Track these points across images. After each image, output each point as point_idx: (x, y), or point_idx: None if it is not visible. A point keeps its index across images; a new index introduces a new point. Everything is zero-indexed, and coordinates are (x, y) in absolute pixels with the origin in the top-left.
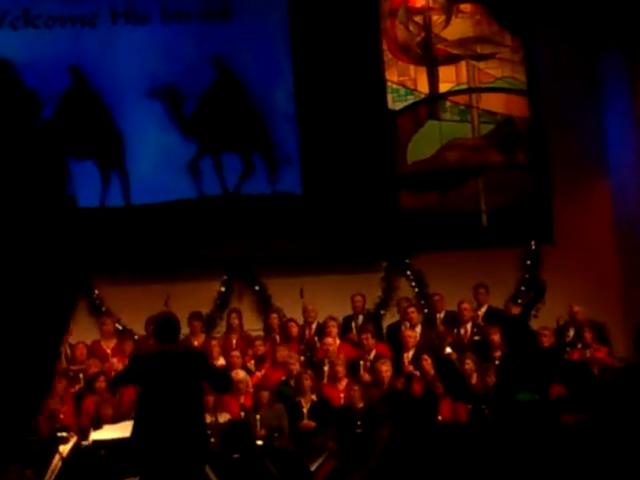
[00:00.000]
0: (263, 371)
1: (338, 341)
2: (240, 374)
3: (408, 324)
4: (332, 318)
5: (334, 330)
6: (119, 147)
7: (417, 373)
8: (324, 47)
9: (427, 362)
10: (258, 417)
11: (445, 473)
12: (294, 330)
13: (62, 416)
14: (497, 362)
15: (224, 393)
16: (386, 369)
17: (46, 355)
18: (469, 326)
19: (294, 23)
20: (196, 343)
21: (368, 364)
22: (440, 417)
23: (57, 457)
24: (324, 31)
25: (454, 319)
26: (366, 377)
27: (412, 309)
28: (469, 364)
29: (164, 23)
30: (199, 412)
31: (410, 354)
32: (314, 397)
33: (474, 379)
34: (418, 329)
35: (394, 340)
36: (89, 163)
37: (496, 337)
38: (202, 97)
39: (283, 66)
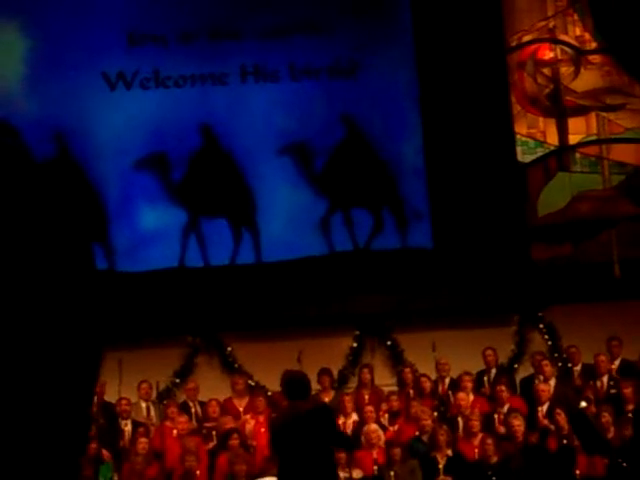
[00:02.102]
0: (397, 426)
1: (472, 396)
2: (372, 426)
3: (542, 377)
4: (467, 373)
5: (469, 385)
6: (250, 204)
7: (552, 427)
8: (453, 101)
9: (561, 416)
10: (392, 473)
11: None
12: (427, 385)
13: (198, 472)
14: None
15: (345, 450)
16: (519, 423)
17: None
18: (605, 379)
19: (422, 76)
20: (326, 399)
21: (502, 417)
22: (578, 471)
23: None
24: (453, 84)
25: (590, 372)
26: (501, 430)
27: (546, 362)
28: (606, 417)
29: (293, 80)
30: (330, 467)
31: (544, 408)
32: (449, 452)
33: (611, 433)
34: (552, 382)
35: (528, 394)
36: (221, 221)
37: (628, 391)
38: (332, 153)
39: (412, 120)
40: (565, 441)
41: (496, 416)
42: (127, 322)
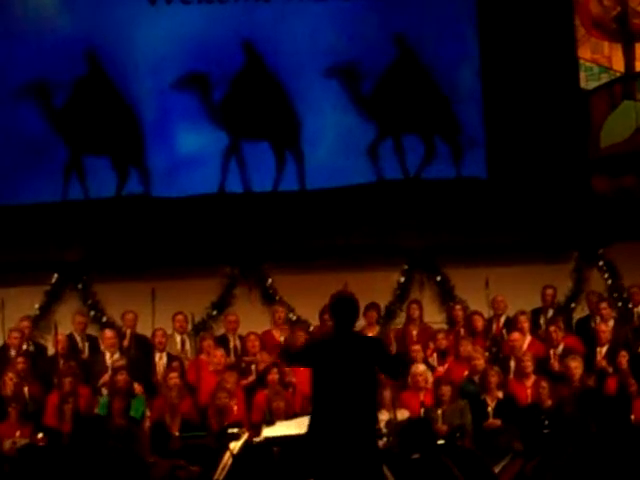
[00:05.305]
0: (446, 366)
1: (529, 337)
2: (420, 367)
3: (599, 319)
4: (523, 312)
5: (526, 325)
6: (294, 128)
7: (610, 369)
8: (513, 23)
9: (625, 359)
10: (440, 412)
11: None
12: (479, 324)
13: (235, 408)
14: None
15: (399, 379)
16: (576, 365)
17: None
18: None
19: None
20: (370, 335)
21: (557, 358)
22: (633, 417)
23: (228, 454)
24: (513, 6)
25: None
26: (555, 370)
27: (604, 304)
28: None
29: None
30: (372, 403)
31: (604, 350)
32: (500, 394)
33: None
34: (610, 323)
35: (584, 334)
36: (263, 145)
37: None
38: (382, 76)
39: (469, 42)
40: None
41: (552, 356)
42: (162, 250)
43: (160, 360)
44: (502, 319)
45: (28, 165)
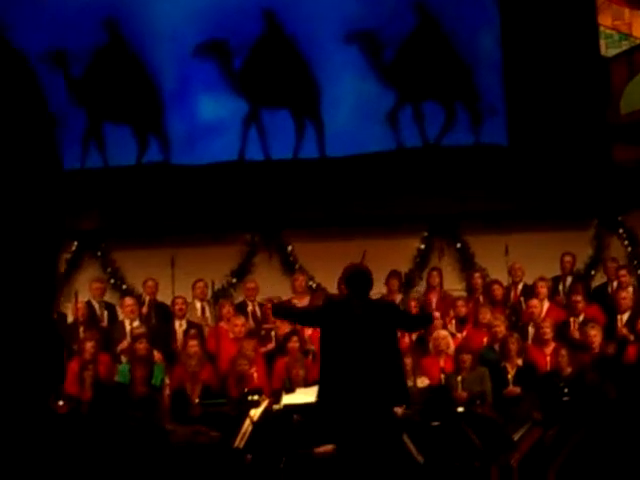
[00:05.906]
0: (465, 333)
1: (547, 303)
2: (442, 332)
3: (616, 285)
4: (542, 279)
5: (543, 291)
6: (314, 96)
7: (631, 337)
8: None
9: None
10: (459, 379)
11: None
12: (499, 292)
13: (255, 375)
14: None
15: (424, 328)
16: (595, 333)
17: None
18: None
19: None
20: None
21: (577, 326)
22: None
23: (248, 421)
24: None
25: None
26: (576, 338)
27: (623, 272)
28: None
29: None
30: (390, 366)
31: (624, 317)
32: (520, 362)
33: None
34: (630, 290)
35: (602, 302)
36: (283, 112)
37: None
38: (403, 42)
39: (489, 10)
40: None
41: (572, 324)
42: (181, 218)
43: (180, 328)
44: (520, 286)
45: None
